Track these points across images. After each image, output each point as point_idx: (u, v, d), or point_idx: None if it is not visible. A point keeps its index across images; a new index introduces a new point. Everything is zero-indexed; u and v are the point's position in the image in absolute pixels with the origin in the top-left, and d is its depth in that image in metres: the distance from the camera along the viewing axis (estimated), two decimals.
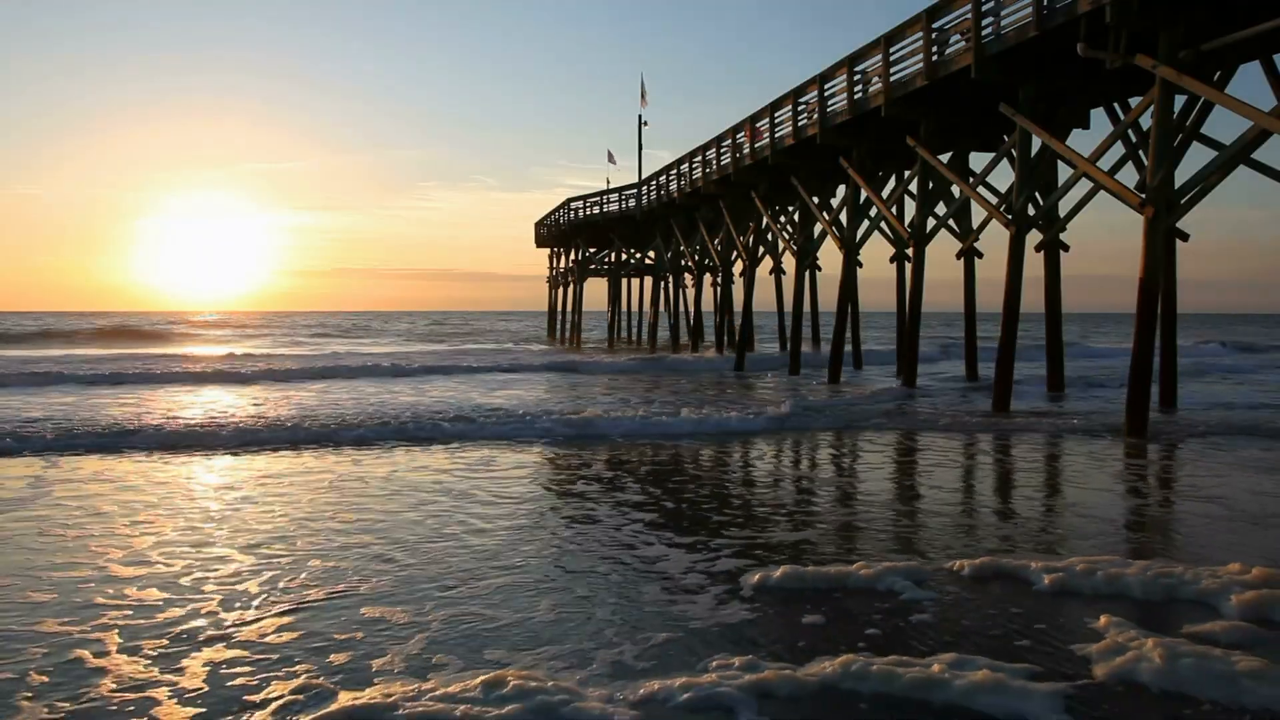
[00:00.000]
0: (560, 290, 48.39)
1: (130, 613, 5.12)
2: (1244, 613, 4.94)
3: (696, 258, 32.42)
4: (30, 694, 4.02)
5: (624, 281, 43.65)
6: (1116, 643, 4.43)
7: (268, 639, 4.69)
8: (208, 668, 4.33)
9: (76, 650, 4.52)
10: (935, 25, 15.46)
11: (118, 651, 4.53)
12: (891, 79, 16.82)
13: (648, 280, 41.96)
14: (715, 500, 8.35)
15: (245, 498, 8.41)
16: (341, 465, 10.21)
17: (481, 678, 4.04)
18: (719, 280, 31.92)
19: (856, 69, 18.16)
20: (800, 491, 9.03)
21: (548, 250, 49.74)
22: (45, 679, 4.19)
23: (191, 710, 3.88)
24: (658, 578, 5.79)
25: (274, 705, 3.89)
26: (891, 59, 16.78)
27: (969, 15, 14.41)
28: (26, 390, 19.29)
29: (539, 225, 47.50)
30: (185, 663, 4.38)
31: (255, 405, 16.15)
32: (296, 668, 4.30)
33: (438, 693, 3.90)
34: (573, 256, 43.14)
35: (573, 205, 39.76)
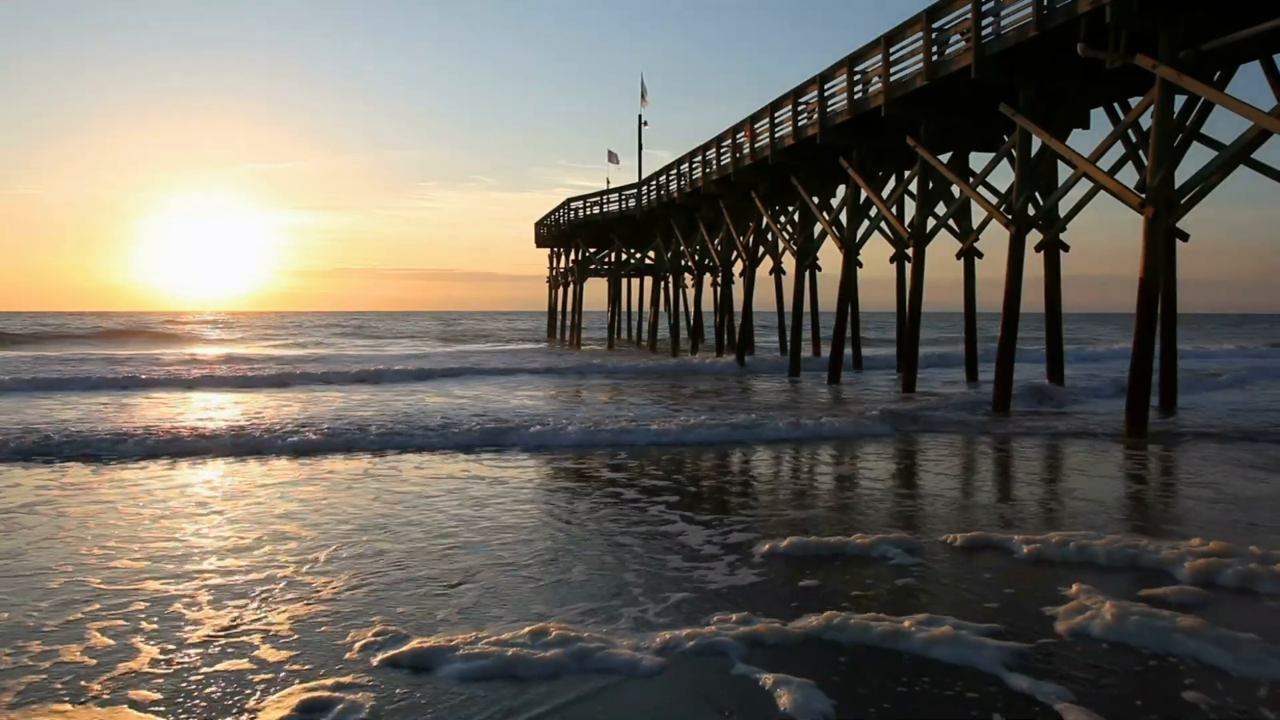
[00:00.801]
0: (560, 290, 48.42)
1: (218, 578, 5.87)
2: (1194, 578, 5.66)
3: (696, 258, 32.41)
4: (143, 638, 4.79)
5: (624, 281, 43.68)
6: (1080, 604, 5.13)
7: (341, 598, 5.42)
8: (292, 620, 5.03)
9: (175, 605, 5.33)
10: (935, 25, 15.45)
11: (209, 605, 5.33)
12: (891, 79, 16.81)
13: (648, 280, 42.01)
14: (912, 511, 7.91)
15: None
16: (421, 464, 10.31)
17: (528, 628, 4.76)
18: (719, 280, 31.91)
19: (856, 69, 18.15)
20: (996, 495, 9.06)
21: (548, 250, 49.75)
22: (154, 626, 4.95)
23: (286, 652, 4.56)
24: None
25: (357, 646, 4.61)
26: (891, 59, 16.77)
27: (969, 15, 14.40)
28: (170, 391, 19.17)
29: (539, 225, 47.49)
30: (273, 617, 5.08)
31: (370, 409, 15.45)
32: (372, 619, 5.02)
33: (492, 639, 4.62)
34: (573, 256, 43.14)
35: (573, 205, 39.75)
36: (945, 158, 18.36)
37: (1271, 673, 4.18)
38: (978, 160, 20.99)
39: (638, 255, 39.86)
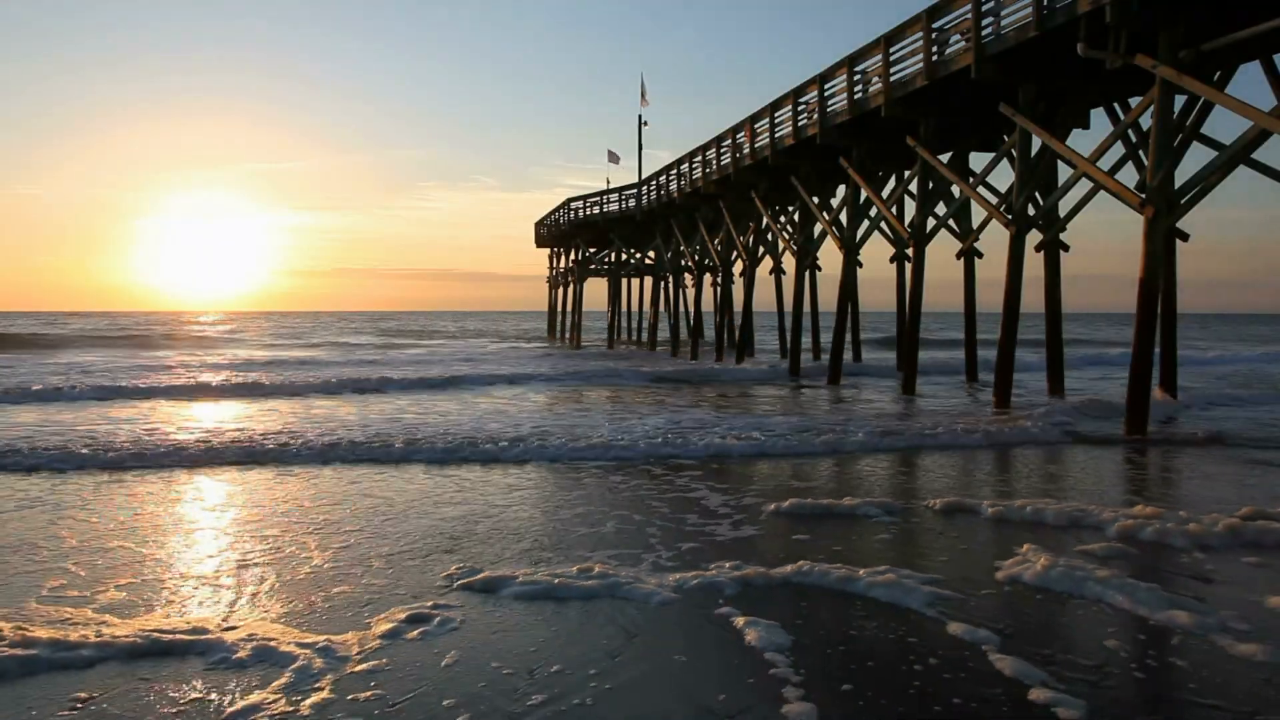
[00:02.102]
0: (560, 290, 48.42)
1: (318, 535, 7.15)
2: (1120, 535, 6.87)
3: (696, 258, 32.41)
4: (273, 570, 6.21)
5: (624, 281, 43.67)
6: (1021, 556, 6.26)
7: (418, 545, 6.84)
8: (385, 559, 6.44)
9: (290, 548, 6.71)
10: (935, 25, 15.45)
11: (316, 548, 6.71)
12: (891, 79, 16.81)
13: (648, 280, 41.98)
14: None
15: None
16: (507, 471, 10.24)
17: (575, 566, 6.16)
18: (719, 280, 31.91)
19: (856, 69, 18.16)
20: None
21: (548, 250, 49.74)
22: (272, 566, 6.29)
23: (382, 580, 5.93)
24: None
25: (440, 575, 6.02)
26: (891, 59, 16.78)
27: (969, 15, 14.41)
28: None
29: (539, 225, 47.49)
30: (371, 560, 6.43)
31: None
32: (446, 559, 6.43)
33: (545, 572, 6.03)
34: (573, 256, 43.14)
35: (573, 205, 39.75)
36: (945, 158, 18.37)
37: (1158, 612, 5.14)
38: (978, 160, 20.99)
39: (638, 255, 39.86)
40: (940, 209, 19.24)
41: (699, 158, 27.77)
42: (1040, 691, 4.13)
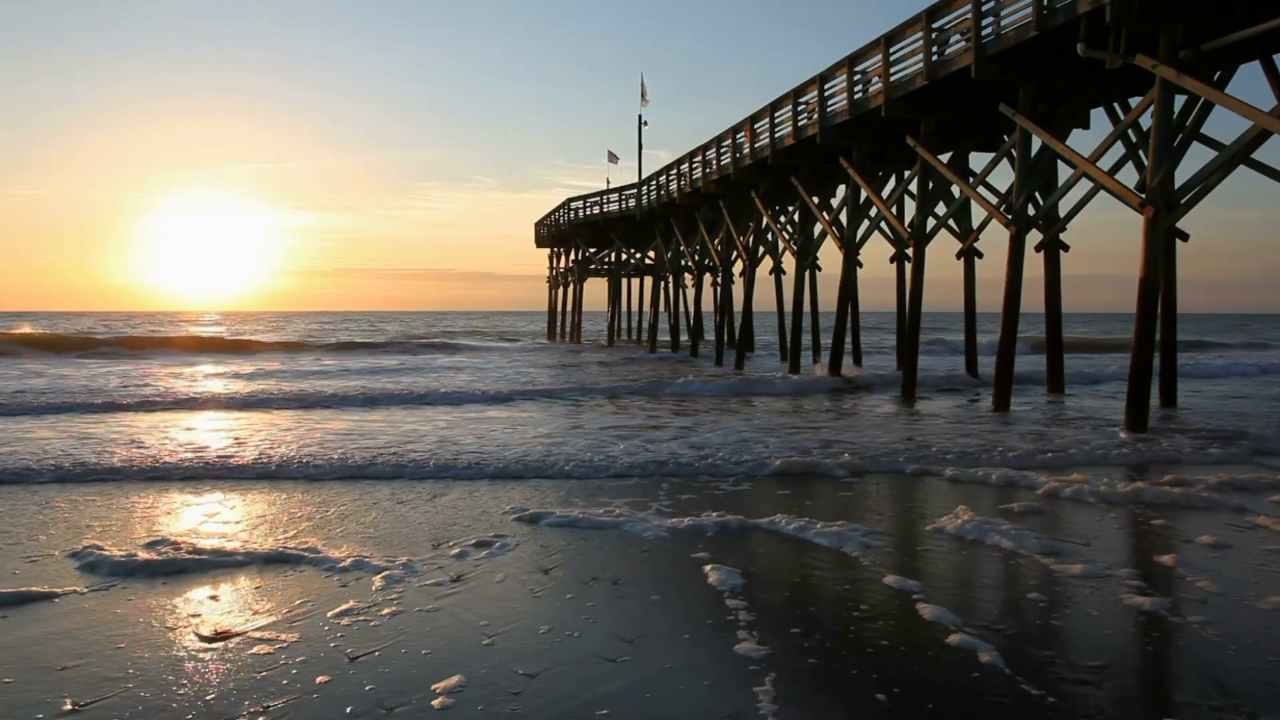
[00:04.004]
0: (560, 290, 48.42)
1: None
2: (1044, 495, 8.33)
3: (696, 258, 32.41)
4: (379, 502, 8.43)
5: (624, 281, 43.67)
6: (955, 512, 7.51)
7: (483, 493, 8.77)
8: (459, 498, 8.54)
9: (385, 501, 8.46)
10: (935, 25, 15.45)
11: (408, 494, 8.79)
12: (891, 79, 16.81)
13: (648, 280, 41.98)
14: None
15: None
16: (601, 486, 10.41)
17: (599, 509, 7.91)
18: (719, 280, 31.90)
19: (856, 69, 18.16)
20: None
21: (548, 250, 49.74)
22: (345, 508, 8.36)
23: (451, 514, 7.84)
24: None
25: (499, 512, 7.91)
26: (891, 59, 16.78)
27: (969, 15, 14.41)
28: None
29: (539, 225, 47.49)
30: (443, 499, 8.52)
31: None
32: (507, 502, 8.35)
33: (571, 509, 7.95)
34: (573, 256, 43.14)
35: (573, 205, 39.75)
36: (945, 158, 18.36)
37: (1043, 551, 6.42)
38: (978, 160, 21.00)
39: (638, 255, 39.87)
40: (940, 209, 19.23)
41: (699, 158, 27.76)
42: (892, 578, 5.85)
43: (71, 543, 6.78)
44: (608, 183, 43.24)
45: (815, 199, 22.58)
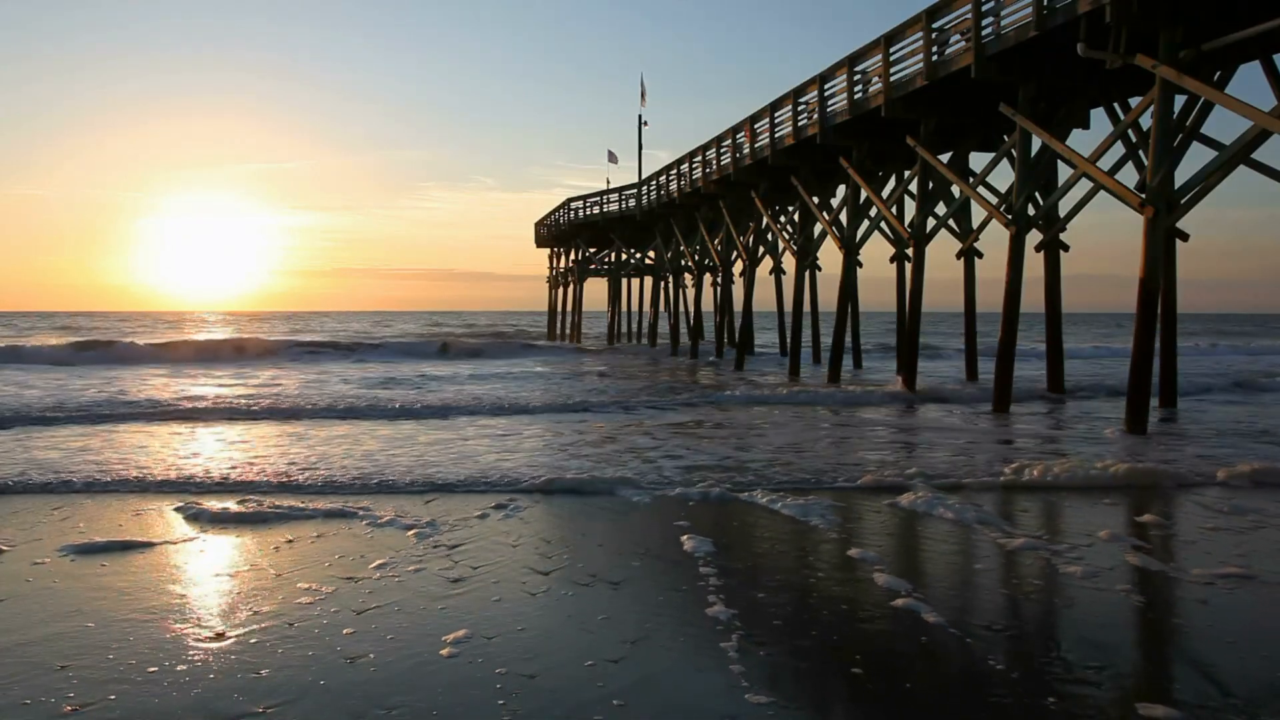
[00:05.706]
0: (560, 290, 48.41)
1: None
2: (1005, 482, 9.07)
3: (696, 258, 32.41)
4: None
5: (624, 281, 43.67)
6: (913, 494, 8.27)
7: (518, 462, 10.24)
8: (484, 468, 9.93)
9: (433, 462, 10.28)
10: (935, 25, 15.43)
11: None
12: (891, 79, 16.79)
13: (648, 280, 41.96)
14: None
15: None
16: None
17: (608, 473, 9.51)
18: (719, 280, 31.88)
19: (856, 69, 18.15)
20: None
21: (548, 250, 49.73)
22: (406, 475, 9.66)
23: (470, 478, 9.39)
24: None
25: (514, 476, 9.40)
26: (891, 59, 16.76)
27: (969, 15, 14.40)
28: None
29: (539, 225, 47.49)
30: (466, 459, 10.58)
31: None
32: (536, 468, 9.80)
33: (582, 476, 9.39)
34: (573, 256, 43.13)
35: (573, 205, 39.74)
36: (945, 158, 18.35)
37: (983, 521, 7.31)
38: (978, 160, 20.95)
39: (638, 255, 39.86)
40: (940, 209, 19.22)
41: (699, 158, 27.75)
42: (853, 550, 6.59)
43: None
44: (608, 183, 43.27)
45: (815, 199, 22.56)
